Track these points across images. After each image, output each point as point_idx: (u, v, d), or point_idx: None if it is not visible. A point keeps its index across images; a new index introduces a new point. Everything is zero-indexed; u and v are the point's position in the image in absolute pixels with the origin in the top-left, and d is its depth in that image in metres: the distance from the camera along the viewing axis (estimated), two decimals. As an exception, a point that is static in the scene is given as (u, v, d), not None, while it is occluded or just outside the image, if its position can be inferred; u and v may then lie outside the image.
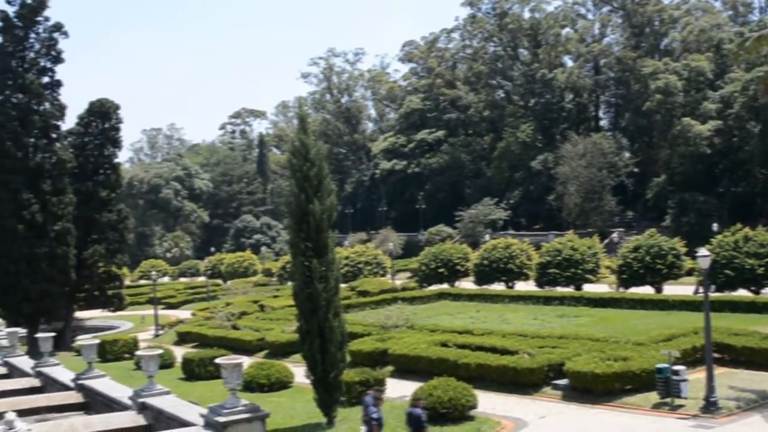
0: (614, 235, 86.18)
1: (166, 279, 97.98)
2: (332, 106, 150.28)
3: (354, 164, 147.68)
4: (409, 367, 29.81)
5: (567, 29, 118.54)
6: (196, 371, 33.43)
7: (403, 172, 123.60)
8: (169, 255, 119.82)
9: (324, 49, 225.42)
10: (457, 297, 51.89)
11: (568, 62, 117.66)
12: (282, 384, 29.95)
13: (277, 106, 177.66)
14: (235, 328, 43.33)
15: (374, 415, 19.73)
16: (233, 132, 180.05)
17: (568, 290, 49.63)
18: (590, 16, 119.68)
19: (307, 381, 23.70)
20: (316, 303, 22.21)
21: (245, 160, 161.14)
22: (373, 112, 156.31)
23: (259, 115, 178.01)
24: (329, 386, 22.60)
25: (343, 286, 24.59)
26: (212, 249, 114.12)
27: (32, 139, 47.44)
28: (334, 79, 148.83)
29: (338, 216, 23.98)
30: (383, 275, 68.42)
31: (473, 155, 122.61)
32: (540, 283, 52.92)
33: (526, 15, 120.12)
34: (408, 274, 73.65)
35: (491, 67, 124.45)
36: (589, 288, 50.57)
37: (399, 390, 26.67)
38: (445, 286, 57.37)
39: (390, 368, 30.17)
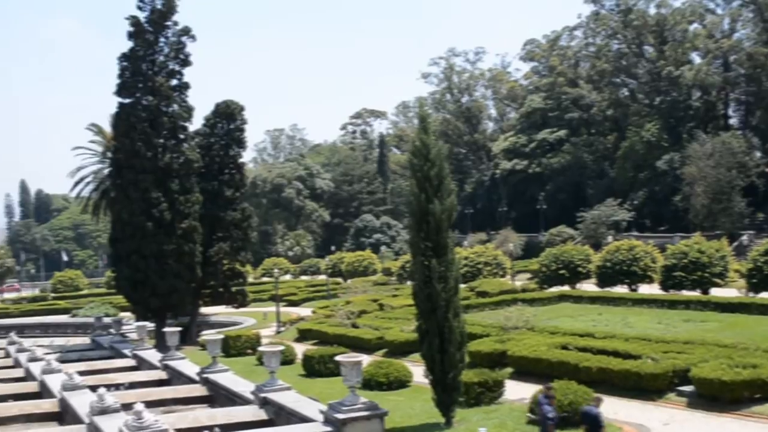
0: (744, 237, 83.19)
1: (287, 277, 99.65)
2: (452, 105, 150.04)
3: (474, 164, 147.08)
4: (528, 370, 29.44)
5: (695, 25, 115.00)
6: (316, 368, 33.84)
7: (524, 172, 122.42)
8: (290, 253, 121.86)
9: (444, 48, 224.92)
10: (579, 299, 50.98)
11: (696, 59, 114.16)
12: (400, 383, 30.02)
13: (398, 106, 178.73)
14: (354, 326, 43.70)
15: (549, 415, 19.29)
16: (354, 132, 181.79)
17: (695, 294, 48.06)
18: (719, 11, 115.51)
19: (426, 381, 23.67)
20: (436, 303, 22.17)
21: (366, 160, 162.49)
22: (493, 112, 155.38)
23: (379, 115, 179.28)
24: (448, 386, 22.51)
25: (462, 286, 24.48)
26: (333, 248, 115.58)
27: (161, 140, 48.76)
28: (455, 78, 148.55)
29: (458, 216, 23.88)
30: (503, 276, 67.91)
31: (596, 155, 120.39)
32: (665, 287, 51.46)
33: (652, 11, 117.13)
34: (528, 276, 72.83)
35: (615, 64, 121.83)
36: (716, 292, 48.85)
37: (518, 392, 26.37)
38: (566, 288, 56.46)
39: (509, 370, 29.86)
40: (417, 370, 29.29)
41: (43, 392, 32.17)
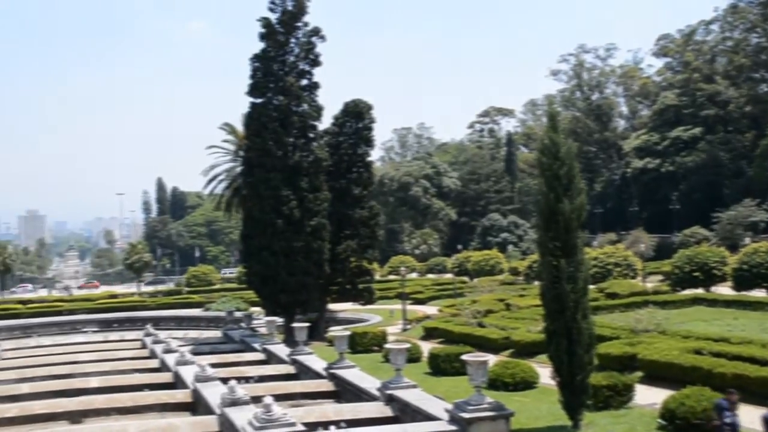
0: None
1: (414, 275, 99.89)
2: (582, 103, 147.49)
3: (604, 163, 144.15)
4: (659, 374, 28.62)
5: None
6: (442, 367, 33.80)
7: (656, 171, 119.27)
8: (417, 251, 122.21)
9: (574, 45, 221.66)
10: (713, 303, 49.23)
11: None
12: (527, 384, 29.68)
13: (526, 104, 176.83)
14: (480, 325, 43.47)
15: (728, 420, 18.78)
16: (481, 130, 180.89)
17: (838, 299, 45.90)
18: None
19: (553, 382, 23.34)
20: (564, 303, 21.82)
21: (493, 159, 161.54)
22: (624, 109, 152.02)
23: (507, 113, 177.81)
24: (575, 389, 22.13)
25: (591, 287, 24.00)
26: (459, 246, 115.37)
27: (291, 139, 49.59)
28: (585, 75, 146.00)
29: (587, 216, 23.37)
30: (633, 277, 66.38)
31: (733, 153, 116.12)
32: (807, 291, 49.32)
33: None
34: (660, 277, 70.86)
35: (754, 59, 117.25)
36: None
37: (648, 397, 25.70)
38: (699, 291, 54.64)
39: (639, 374, 29.12)
40: (544, 371, 28.91)
41: (177, 383, 33.21)
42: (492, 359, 24.20)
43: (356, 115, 54.30)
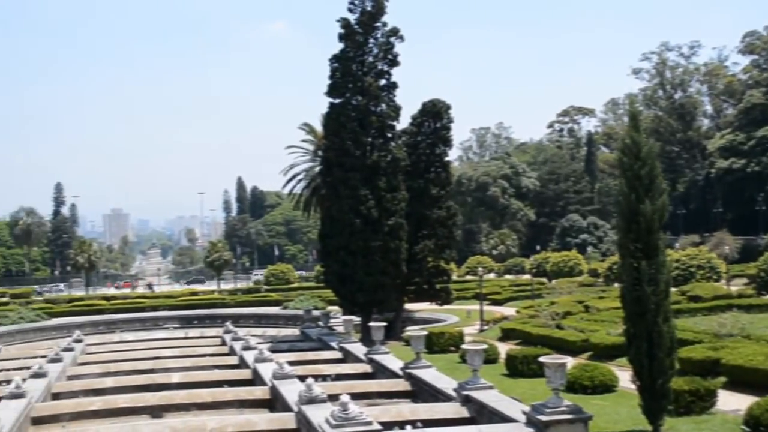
0: None
1: (491, 275, 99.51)
2: (665, 102, 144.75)
3: (687, 163, 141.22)
4: (743, 380, 27.91)
5: None
6: (519, 368, 33.55)
7: (742, 172, 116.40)
8: (494, 252, 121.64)
9: (656, 43, 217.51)
10: (800, 307, 47.92)
11: None
12: (605, 387, 29.25)
13: (607, 103, 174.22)
14: (559, 327, 43.02)
15: None
16: (561, 130, 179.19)
17: None
18: None
19: (632, 386, 22.93)
20: (645, 306, 21.43)
21: (573, 159, 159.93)
22: (709, 108, 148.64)
23: (587, 112, 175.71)
24: (656, 393, 21.71)
25: (673, 290, 23.53)
26: (537, 247, 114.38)
27: (370, 139, 49.72)
28: (667, 74, 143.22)
29: (669, 217, 22.96)
30: (717, 280, 65.01)
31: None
32: None
33: None
34: (744, 281, 69.24)
35: None
36: None
37: (732, 403, 25.12)
38: (787, 295, 53.28)
39: (722, 379, 28.44)
40: (623, 374, 28.44)
41: (256, 380, 33.60)
42: (570, 362, 23.91)
43: (434, 114, 54.21)
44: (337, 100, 50.02)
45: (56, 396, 32.46)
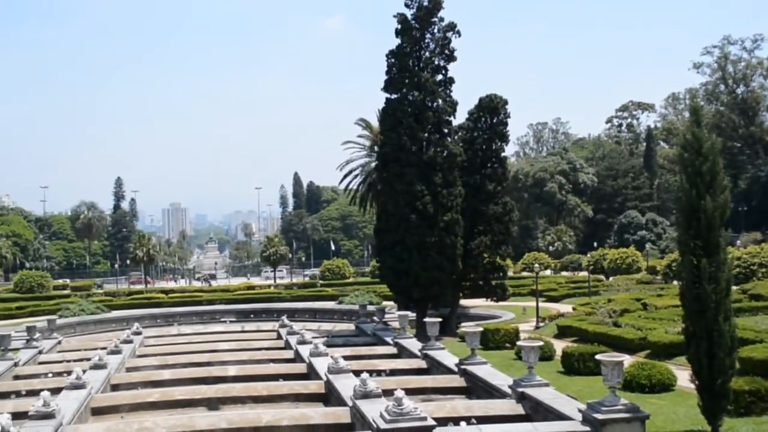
0: None
1: (547, 272, 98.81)
2: (726, 97, 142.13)
3: (749, 159, 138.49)
4: (806, 380, 27.36)
5: None
6: (575, 366, 33.24)
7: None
8: (551, 248, 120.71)
9: (718, 37, 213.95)
10: None
11: None
12: (663, 386, 28.83)
13: (667, 98, 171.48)
14: (616, 325, 42.54)
15: None
16: (620, 125, 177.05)
17: None
18: None
19: (691, 385, 22.58)
20: (705, 304, 21.07)
21: (632, 155, 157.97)
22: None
23: (647, 108, 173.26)
24: (715, 393, 21.34)
25: (734, 288, 23.08)
26: (595, 244, 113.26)
27: (426, 134, 49.64)
28: (729, 68, 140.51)
29: (730, 214, 22.55)
30: (779, 279, 63.75)
31: None
32: None
33: None
34: (808, 279, 67.78)
35: None
36: None
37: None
38: None
39: (785, 380, 27.89)
40: (682, 373, 28.03)
41: (311, 374, 33.78)
42: (627, 360, 23.61)
43: (491, 110, 53.93)
44: (394, 96, 50.03)
45: (115, 387, 33.00)
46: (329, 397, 29.25)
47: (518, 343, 31.38)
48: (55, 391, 26.93)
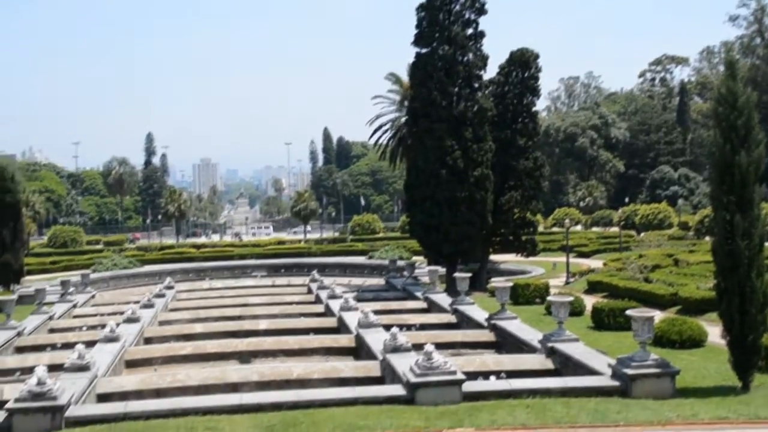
0: None
1: (578, 227, 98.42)
2: (763, 50, 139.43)
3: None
4: (839, 337, 27.14)
5: None
6: (605, 321, 33.15)
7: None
8: (582, 204, 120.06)
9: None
10: None
11: None
12: (694, 342, 28.68)
13: (701, 51, 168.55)
14: (647, 280, 42.35)
15: None
16: (653, 80, 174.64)
17: None
18: None
19: (722, 342, 22.45)
20: (737, 260, 20.87)
21: (665, 109, 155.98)
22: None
23: (681, 61, 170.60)
24: (746, 349, 21.22)
25: (767, 244, 22.83)
26: (626, 199, 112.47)
27: (456, 89, 49.28)
28: (766, 21, 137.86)
29: (765, 169, 22.17)
30: (814, 235, 62.98)
31: None
32: None
33: None
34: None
35: None
36: None
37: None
38: None
39: (817, 336, 27.68)
40: (713, 329, 27.87)
41: (341, 328, 34.06)
42: (658, 315, 23.58)
43: (522, 64, 53.40)
44: (424, 50, 49.68)
45: (148, 340, 33.49)
46: (359, 350, 29.49)
47: (548, 298, 31.32)
48: (90, 344, 27.38)
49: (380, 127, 76.12)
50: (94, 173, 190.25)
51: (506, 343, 29.69)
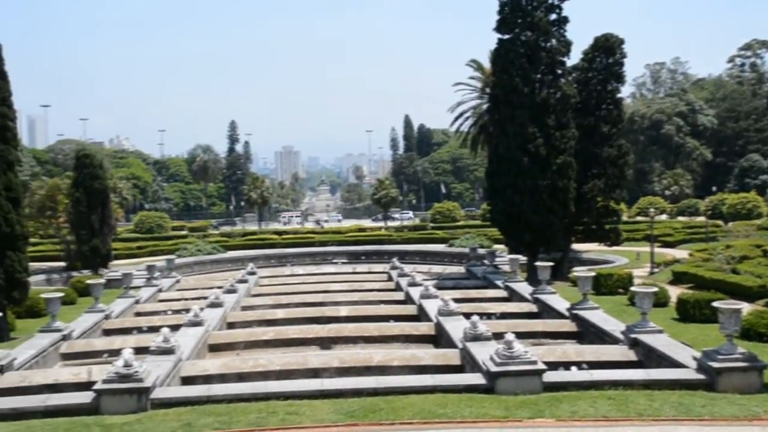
0: None
1: (663, 217, 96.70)
2: None
3: None
4: None
5: None
6: (690, 313, 32.48)
7: None
8: (667, 192, 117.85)
9: None
10: None
11: None
12: (784, 335, 27.93)
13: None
14: (734, 272, 41.35)
15: None
16: (742, 65, 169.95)
17: None
18: None
19: (815, 335, 21.85)
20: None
21: (755, 96, 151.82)
22: None
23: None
24: (839, 343, 20.60)
25: None
26: (714, 188, 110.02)
27: (539, 75, 48.65)
28: None
29: None
30: None
31: None
32: None
33: None
34: None
35: None
36: None
37: None
38: None
39: None
40: (804, 323, 27.07)
41: (421, 315, 34.09)
42: (746, 307, 22.99)
43: (607, 50, 52.47)
44: (506, 36, 49.18)
45: (231, 325, 34.05)
46: (439, 338, 29.49)
47: (632, 288, 30.78)
48: (174, 328, 27.97)
49: (461, 114, 75.84)
50: (179, 160, 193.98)
51: (588, 333, 29.34)
